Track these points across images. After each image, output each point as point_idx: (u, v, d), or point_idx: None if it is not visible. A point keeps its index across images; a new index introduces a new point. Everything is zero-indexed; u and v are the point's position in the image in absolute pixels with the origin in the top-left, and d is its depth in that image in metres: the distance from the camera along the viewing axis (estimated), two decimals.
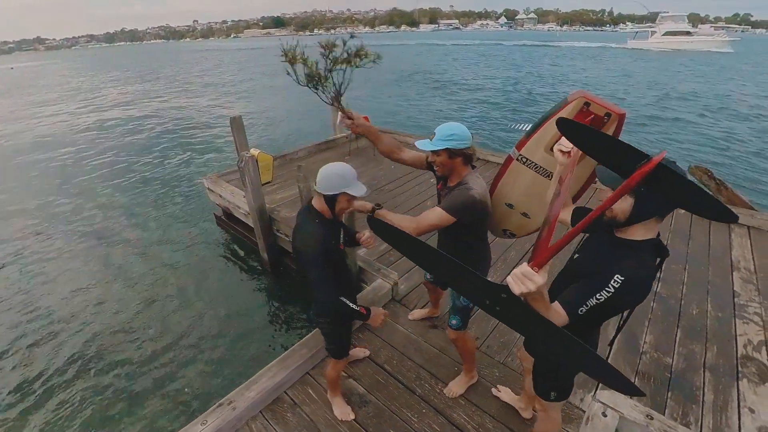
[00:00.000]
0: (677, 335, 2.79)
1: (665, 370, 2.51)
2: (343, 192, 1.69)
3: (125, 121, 15.43)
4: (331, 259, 1.76)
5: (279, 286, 4.64)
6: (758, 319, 2.90)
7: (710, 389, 2.38)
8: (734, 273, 3.45)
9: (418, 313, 3.01)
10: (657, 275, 1.22)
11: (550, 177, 1.76)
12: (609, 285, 1.12)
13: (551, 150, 1.59)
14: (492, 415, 2.24)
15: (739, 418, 2.19)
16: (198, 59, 53.25)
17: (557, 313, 1.16)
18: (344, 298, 1.76)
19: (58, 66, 58.12)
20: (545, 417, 1.78)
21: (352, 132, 2.11)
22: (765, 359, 2.55)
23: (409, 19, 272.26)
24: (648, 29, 51.32)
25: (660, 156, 0.95)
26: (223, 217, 5.84)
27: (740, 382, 2.41)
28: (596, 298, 1.14)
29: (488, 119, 14.14)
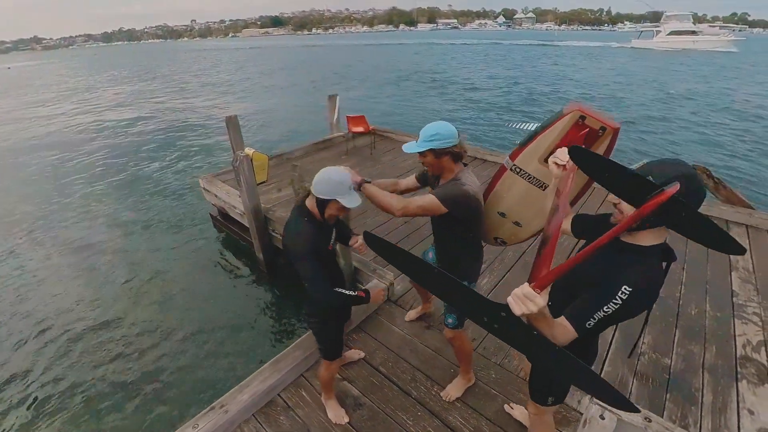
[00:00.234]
0: (676, 336, 2.76)
1: (664, 372, 2.48)
2: (335, 199, 1.64)
3: (121, 121, 15.36)
4: (321, 258, 1.74)
5: (274, 287, 4.59)
6: (757, 319, 2.88)
7: (709, 390, 2.35)
8: (733, 272, 3.42)
9: (414, 314, 3.00)
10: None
11: (544, 188, 1.76)
12: (616, 297, 1.08)
13: (545, 161, 1.58)
14: (488, 419, 2.20)
15: (739, 420, 2.16)
16: (195, 59, 53.12)
17: (565, 328, 1.13)
18: (339, 288, 1.75)
19: (56, 66, 57.88)
20: (540, 421, 1.75)
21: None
22: (764, 360, 2.53)
23: (408, 19, 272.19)
24: (652, 29, 50.92)
25: (673, 189, 0.94)
26: (219, 217, 5.80)
27: (739, 383, 2.38)
28: (604, 311, 1.10)
29: (487, 119, 14.10)
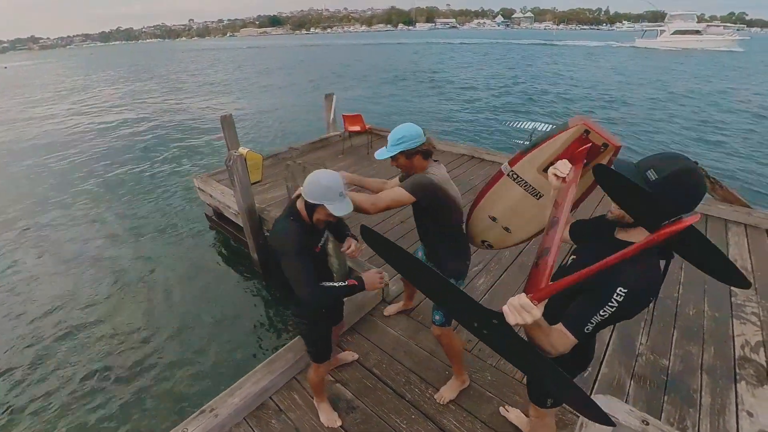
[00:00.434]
0: (674, 336, 2.73)
1: (661, 373, 2.44)
2: (323, 205, 1.59)
3: (117, 121, 15.29)
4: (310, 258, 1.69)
5: (268, 287, 4.55)
6: (755, 319, 2.84)
7: (707, 392, 2.31)
8: None
9: (393, 308, 2.99)
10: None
11: (538, 197, 1.75)
12: (612, 300, 1.05)
13: (544, 171, 1.58)
14: (483, 421, 2.16)
15: (737, 422, 2.13)
16: (193, 58, 52.99)
17: (564, 336, 1.10)
18: (333, 286, 1.66)
19: (53, 65, 57.72)
20: (540, 424, 1.71)
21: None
22: (763, 361, 2.49)
23: (406, 18, 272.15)
24: (656, 28, 50.82)
25: (693, 218, 0.93)
26: (214, 217, 5.76)
27: (738, 385, 2.34)
28: (600, 315, 1.08)
29: (486, 119, 14.07)
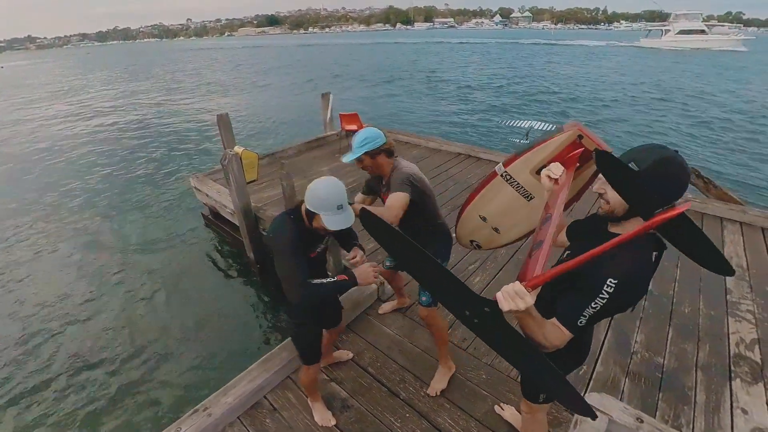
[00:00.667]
0: (669, 334, 2.73)
1: (656, 371, 2.44)
2: (320, 215, 1.58)
3: (114, 121, 15.25)
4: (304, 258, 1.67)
5: (265, 287, 4.54)
6: (751, 317, 2.85)
7: (702, 389, 2.31)
8: None
9: (388, 306, 2.99)
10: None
11: (530, 199, 1.78)
12: (602, 291, 1.06)
13: (537, 173, 1.61)
14: (478, 419, 2.16)
15: (732, 420, 2.13)
16: (191, 58, 52.87)
17: (558, 330, 1.11)
18: (322, 281, 1.63)
19: (50, 65, 57.53)
20: (532, 420, 1.71)
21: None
22: (758, 358, 2.50)
23: (405, 17, 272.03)
24: (661, 27, 50.59)
25: (685, 206, 0.93)
26: (211, 217, 5.73)
27: (733, 382, 2.34)
28: (592, 307, 1.08)
29: (483, 118, 14.08)
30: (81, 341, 3.91)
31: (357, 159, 2.01)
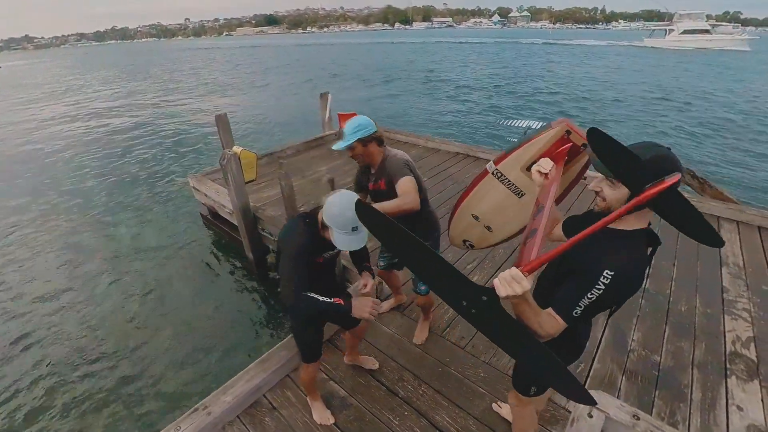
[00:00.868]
0: (665, 332, 2.75)
1: (653, 368, 2.46)
2: (332, 229, 1.59)
3: (112, 121, 15.22)
4: (307, 265, 1.69)
5: (263, 286, 4.55)
6: (747, 315, 2.87)
7: (698, 387, 2.33)
8: (723, 268, 3.42)
9: (386, 305, 3.00)
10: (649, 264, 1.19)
11: (521, 196, 1.80)
12: (599, 282, 1.08)
13: (527, 170, 1.64)
14: (476, 417, 2.17)
15: (728, 417, 2.15)
16: (189, 58, 52.76)
17: (553, 320, 1.12)
18: (313, 294, 1.61)
19: (47, 65, 57.32)
20: (521, 414, 1.72)
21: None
22: (753, 356, 2.52)
23: (403, 17, 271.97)
24: (665, 27, 50.21)
25: (674, 178, 0.96)
26: (209, 216, 5.73)
27: (728, 380, 2.36)
28: (588, 298, 1.10)
29: (482, 118, 14.10)
30: (79, 341, 3.92)
31: (348, 146, 2.01)
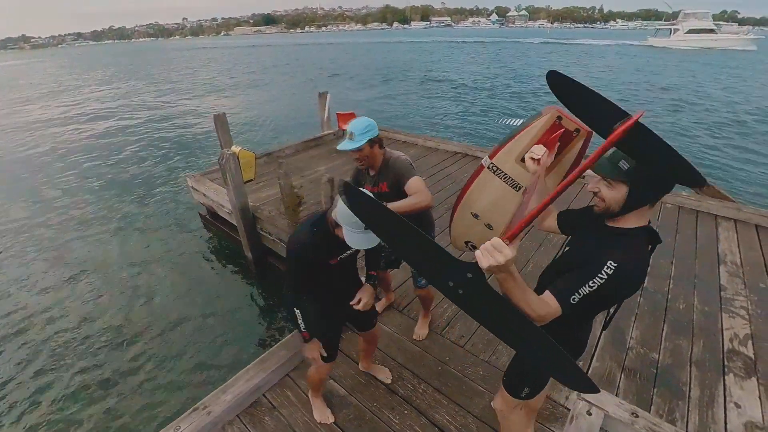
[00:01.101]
0: (664, 330, 2.76)
1: (651, 366, 2.47)
2: (343, 227, 1.58)
3: (109, 121, 15.18)
4: (312, 269, 1.72)
5: (263, 286, 4.55)
6: (744, 313, 2.88)
7: (696, 384, 2.34)
8: (721, 267, 3.43)
9: (379, 305, 3.00)
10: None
11: (518, 189, 1.77)
12: (602, 272, 1.07)
13: (522, 161, 1.64)
14: (475, 415, 2.18)
15: (725, 414, 2.16)
16: (187, 57, 52.64)
17: (547, 304, 1.11)
18: (299, 310, 1.77)
19: (44, 65, 57.09)
20: (510, 420, 1.64)
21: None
22: (751, 353, 2.53)
23: (401, 17, 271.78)
24: (670, 27, 49.78)
25: (639, 114, 0.94)
26: (208, 216, 5.73)
27: (726, 377, 2.38)
28: (589, 286, 1.09)
29: (481, 117, 14.11)
30: (76, 341, 3.92)
31: (357, 148, 1.95)
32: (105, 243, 5.91)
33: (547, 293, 1.13)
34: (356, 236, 1.55)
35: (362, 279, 1.96)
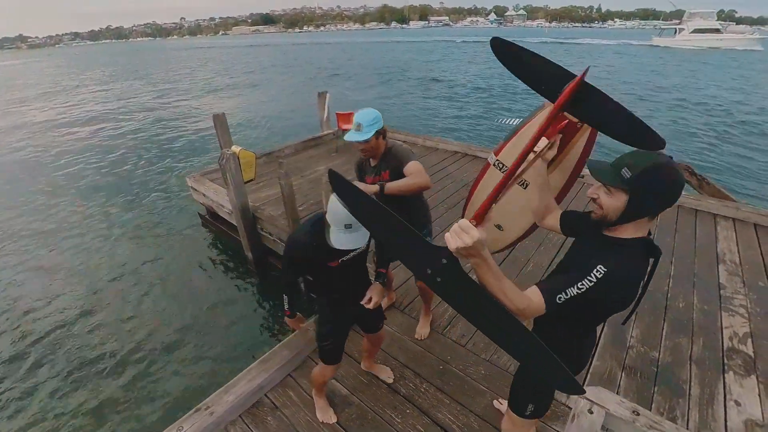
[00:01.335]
0: (664, 329, 2.77)
1: (652, 364, 2.48)
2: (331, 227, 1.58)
3: (107, 121, 15.14)
4: (312, 269, 1.77)
5: (263, 286, 4.55)
6: (743, 311, 2.90)
7: (696, 383, 2.36)
8: (720, 265, 3.45)
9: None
10: (646, 276, 1.15)
11: (525, 186, 1.70)
12: (591, 274, 1.04)
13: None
14: (478, 415, 2.19)
15: (725, 412, 2.17)
16: (185, 57, 52.53)
17: (528, 298, 1.06)
18: (287, 296, 1.84)
19: (41, 65, 56.89)
20: None
21: None
22: (750, 351, 2.55)
23: (400, 16, 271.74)
24: (675, 26, 49.41)
25: (583, 72, 0.91)
26: (208, 216, 5.73)
27: (726, 375, 2.39)
28: (577, 288, 1.05)
29: (480, 117, 14.12)
30: (78, 342, 3.91)
31: (367, 140, 1.98)
32: (104, 244, 5.90)
33: (533, 288, 1.10)
34: (338, 236, 1.55)
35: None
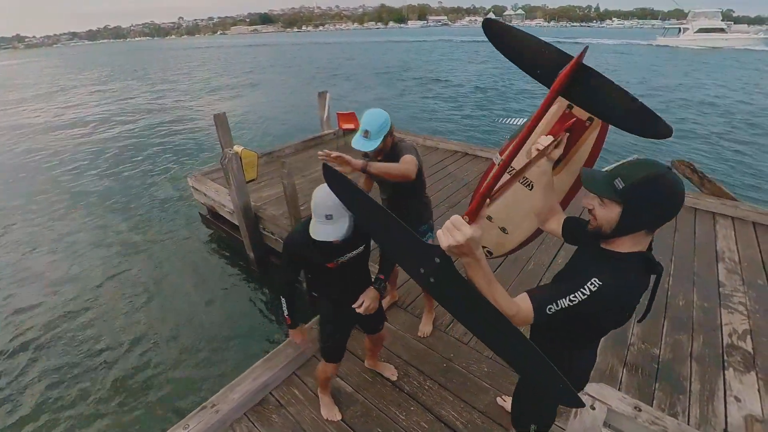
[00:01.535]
0: (664, 326, 2.80)
1: (653, 361, 2.51)
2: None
3: (107, 122, 15.12)
4: (309, 269, 1.80)
5: (265, 285, 4.57)
6: (743, 309, 2.93)
7: (697, 379, 2.38)
8: (719, 264, 3.47)
9: (383, 302, 3.01)
10: (650, 294, 1.13)
11: (531, 187, 1.67)
12: (584, 287, 1.00)
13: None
14: (481, 411, 2.21)
15: (726, 407, 2.20)
16: (183, 57, 52.43)
17: (517, 305, 1.02)
18: (285, 298, 1.86)
19: (39, 65, 56.74)
20: None
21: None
22: (750, 348, 2.57)
23: (398, 16, 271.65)
24: (679, 26, 49.12)
25: (581, 53, 0.87)
26: (209, 216, 5.73)
27: (726, 372, 2.42)
28: (569, 300, 1.01)
29: (480, 116, 14.15)
30: (82, 342, 3.92)
31: (375, 150, 1.94)
32: (104, 244, 5.91)
33: (523, 296, 1.06)
34: (318, 227, 1.54)
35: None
